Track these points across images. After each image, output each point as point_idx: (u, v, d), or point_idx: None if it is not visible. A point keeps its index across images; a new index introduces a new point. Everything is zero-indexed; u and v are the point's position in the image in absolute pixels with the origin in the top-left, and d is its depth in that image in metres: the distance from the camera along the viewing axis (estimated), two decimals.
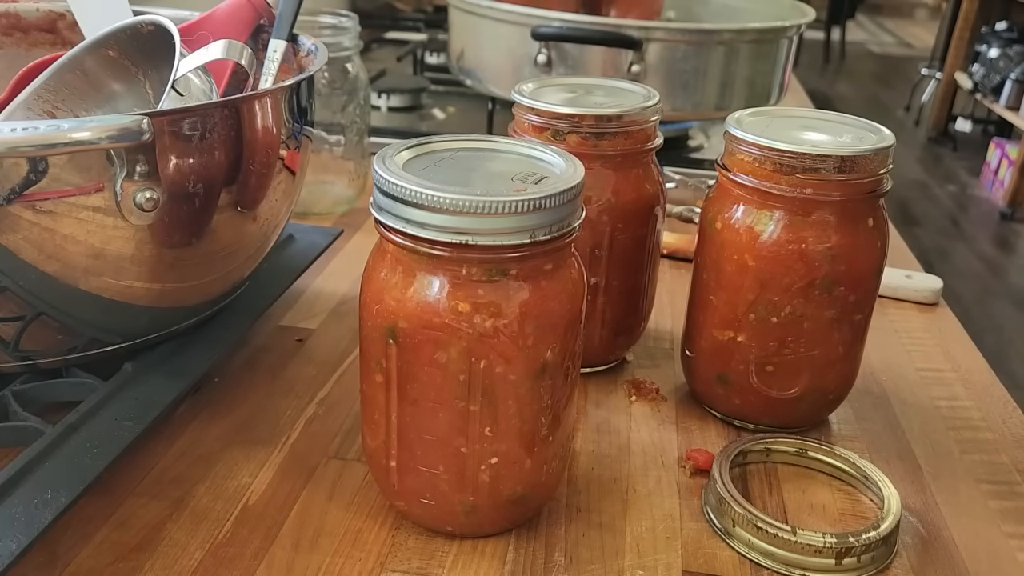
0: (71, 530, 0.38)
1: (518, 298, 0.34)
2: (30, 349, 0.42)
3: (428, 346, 0.35)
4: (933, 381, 0.54)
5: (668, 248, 0.68)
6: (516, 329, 0.34)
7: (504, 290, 0.34)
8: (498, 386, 0.35)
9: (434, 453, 0.37)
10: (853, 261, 0.43)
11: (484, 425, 0.36)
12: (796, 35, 0.86)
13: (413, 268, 0.35)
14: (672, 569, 0.38)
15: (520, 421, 0.36)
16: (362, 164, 0.75)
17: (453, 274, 0.34)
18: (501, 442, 0.36)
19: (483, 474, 0.37)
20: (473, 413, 0.36)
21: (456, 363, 0.35)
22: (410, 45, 1.20)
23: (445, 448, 0.36)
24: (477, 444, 0.36)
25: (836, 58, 5.57)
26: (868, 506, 0.43)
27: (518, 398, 0.36)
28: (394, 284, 0.35)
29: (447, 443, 0.36)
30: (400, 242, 0.34)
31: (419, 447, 0.37)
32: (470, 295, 0.34)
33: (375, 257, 0.37)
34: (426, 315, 0.34)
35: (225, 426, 0.46)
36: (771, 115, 0.47)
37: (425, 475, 0.37)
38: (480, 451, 0.36)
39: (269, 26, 0.54)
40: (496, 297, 0.34)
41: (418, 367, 0.35)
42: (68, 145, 0.34)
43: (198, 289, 0.46)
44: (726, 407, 0.48)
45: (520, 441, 0.37)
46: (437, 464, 0.37)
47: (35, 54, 0.57)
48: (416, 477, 0.38)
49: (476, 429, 0.36)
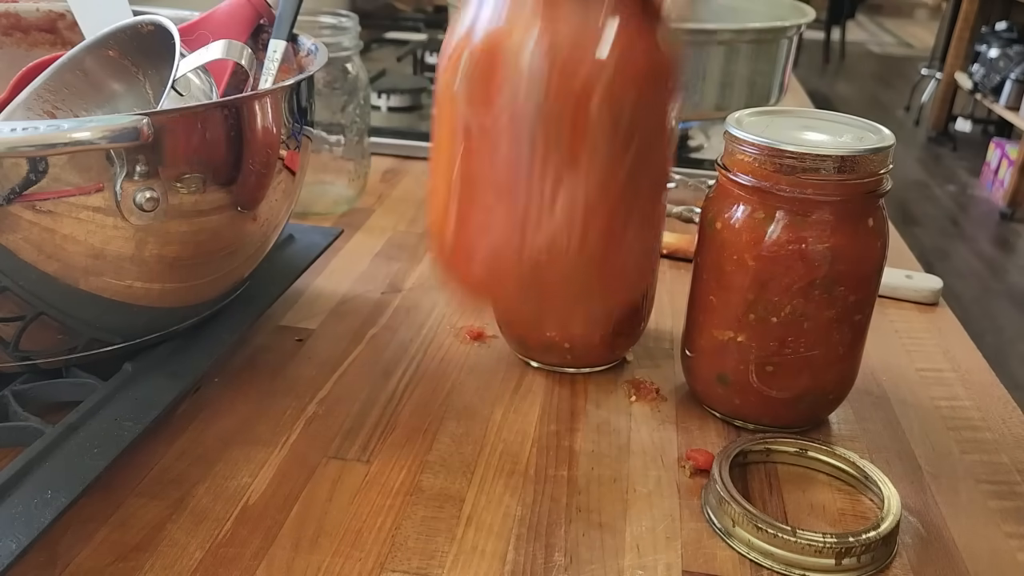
0: (71, 530, 0.38)
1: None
2: (30, 349, 0.42)
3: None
4: (933, 381, 0.54)
5: (668, 248, 0.68)
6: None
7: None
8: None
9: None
10: (853, 261, 0.43)
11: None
12: (796, 35, 0.85)
13: None
14: (672, 569, 0.38)
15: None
16: (362, 164, 0.75)
17: None
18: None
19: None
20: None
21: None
22: (410, 45, 1.20)
23: None
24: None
25: (836, 58, 5.57)
26: (868, 506, 0.43)
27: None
28: None
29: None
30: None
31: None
32: None
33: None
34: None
35: (225, 426, 0.46)
36: (771, 115, 0.47)
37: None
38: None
39: (269, 26, 0.54)
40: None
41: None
42: (68, 145, 0.34)
43: (198, 289, 0.46)
44: (726, 407, 0.48)
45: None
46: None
47: (35, 54, 0.57)
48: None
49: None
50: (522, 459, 0.45)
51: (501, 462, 0.44)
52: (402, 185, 0.82)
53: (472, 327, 0.57)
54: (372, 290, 0.61)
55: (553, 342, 0.51)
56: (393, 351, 0.54)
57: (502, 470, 0.44)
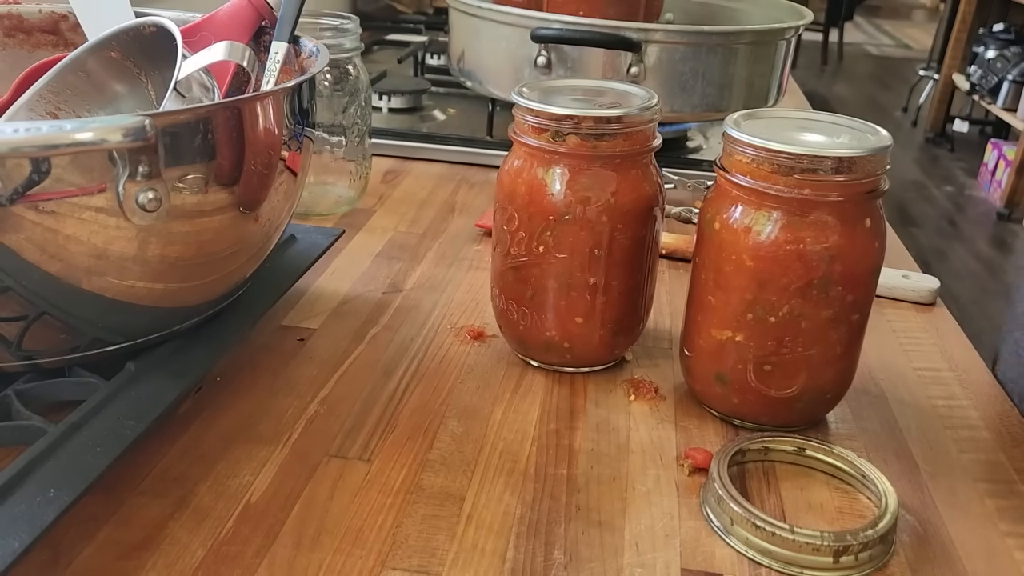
0: (73, 528, 0.38)
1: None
2: (33, 349, 0.42)
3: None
4: (930, 380, 0.54)
5: (667, 248, 0.68)
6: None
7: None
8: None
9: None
10: (850, 261, 0.43)
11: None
12: (794, 37, 0.86)
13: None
14: (671, 567, 0.38)
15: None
16: (363, 165, 0.75)
17: None
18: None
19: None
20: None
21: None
22: (411, 47, 1.20)
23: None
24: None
25: (834, 60, 5.58)
26: (866, 504, 0.43)
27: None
28: None
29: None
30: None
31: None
32: None
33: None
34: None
35: (227, 425, 0.46)
36: (769, 116, 0.48)
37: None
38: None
39: (271, 28, 0.54)
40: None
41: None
42: (71, 146, 0.34)
43: (200, 289, 0.46)
44: (724, 406, 0.49)
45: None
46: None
47: (38, 55, 0.57)
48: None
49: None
50: (522, 458, 0.45)
51: (501, 461, 0.45)
52: (403, 186, 0.82)
53: (472, 327, 0.57)
54: (373, 290, 0.62)
55: (553, 341, 0.51)
56: (394, 350, 0.54)
57: (502, 469, 0.44)
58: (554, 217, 0.48)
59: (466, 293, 0.62)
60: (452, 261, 0.67)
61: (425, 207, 0.77)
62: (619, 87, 0.52)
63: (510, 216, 0.50)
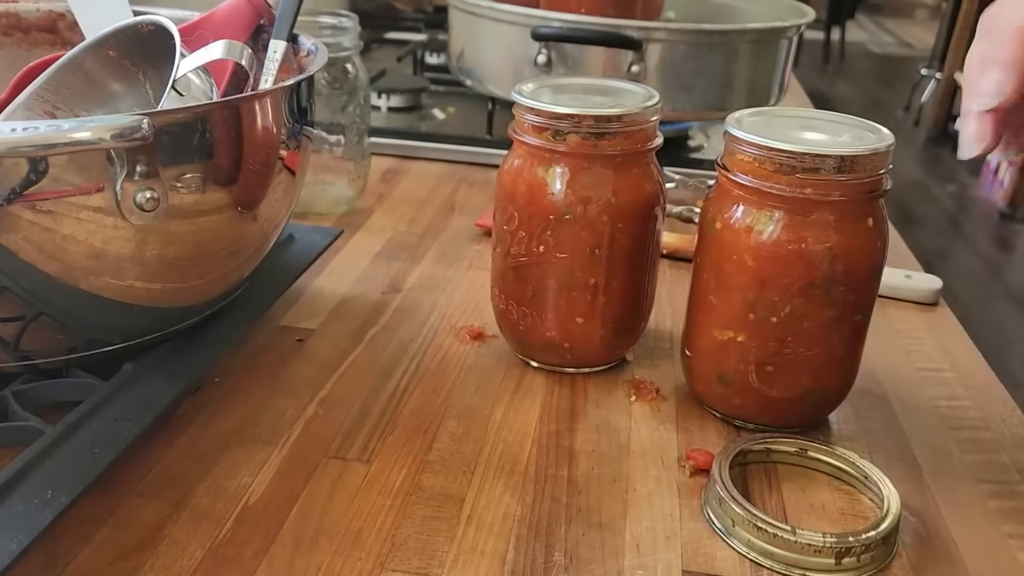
0: (71, 530, 0.38)
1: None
2: (30, 349, 0.42)
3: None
4: (933, 381, 0.54)
5: (668, 248, 0.68)
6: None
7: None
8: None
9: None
10: (853, 261, 0.43)
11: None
12: (796, 35, 0.86)
13: None
14: (672, 569, 0.38)
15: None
16: (362, 164, 0.75)
17: None
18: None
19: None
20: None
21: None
22: (410, 45, 1.20)
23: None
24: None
25: (836, 58, 5.57)
26: (868, 506, 0.43)
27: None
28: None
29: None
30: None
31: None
32: None
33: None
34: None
35: (225, 426, 0.46)
36: (771, 115, 0.47)
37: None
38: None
39: (269, 26, 0.54)
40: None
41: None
42: (68, 145, 0.34)
43: (198, 289, 0.46)
44: (726, 407, 0.48)
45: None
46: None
47: (35, 54, 0.57)
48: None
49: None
50: (522, 459, 0.45)
51: (501, 462, 0.44)
52: (402, 185, 0.82)
53: (472, 327, 0.57)
54: (372, 290, 0.61)
55: (553, 341, 0.51)
56: (393, 351, 0.54)
57: (502, 470, 0.44)
58: (554, 216, 0.48)
59: (466, 293, 0.62)
60: (452, 261, 0.67)
61: (424, 206, 0.77)
62: (620, 85, 0.52)
63: (510, 215, 0.49)
